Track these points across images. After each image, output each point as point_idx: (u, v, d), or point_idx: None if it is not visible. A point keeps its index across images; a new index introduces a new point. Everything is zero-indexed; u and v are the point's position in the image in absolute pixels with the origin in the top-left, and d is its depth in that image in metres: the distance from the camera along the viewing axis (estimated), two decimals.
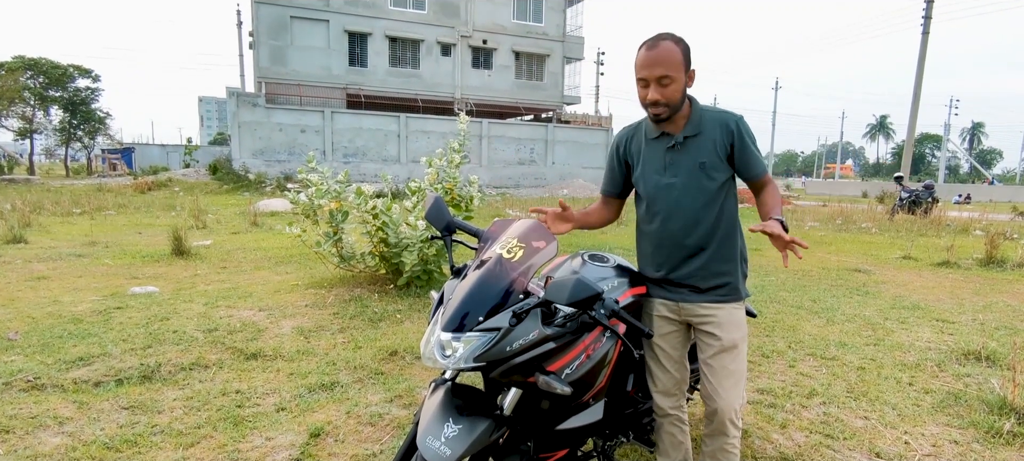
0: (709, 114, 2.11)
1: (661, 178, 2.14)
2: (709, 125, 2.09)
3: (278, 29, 28.39)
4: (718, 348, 2.13)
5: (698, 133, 2.08)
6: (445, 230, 2.17)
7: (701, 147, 2.08)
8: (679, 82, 1.99)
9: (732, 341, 2.13)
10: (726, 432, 2.14)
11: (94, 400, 3.37)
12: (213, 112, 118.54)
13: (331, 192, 6.14)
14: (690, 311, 2.19)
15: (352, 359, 4.10)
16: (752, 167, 2.11)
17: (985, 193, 37.02)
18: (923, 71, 29.01)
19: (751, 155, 2.10)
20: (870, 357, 4.43)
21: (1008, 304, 6.26)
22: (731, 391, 2.12)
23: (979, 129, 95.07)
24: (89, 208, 14.48)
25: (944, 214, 15.69)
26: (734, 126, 2.08)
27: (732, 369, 2.13)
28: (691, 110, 2.11)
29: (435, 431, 1.77)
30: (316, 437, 2.97)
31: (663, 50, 1.97)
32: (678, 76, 1.99)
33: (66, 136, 41.52)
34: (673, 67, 1.97)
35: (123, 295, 5.77)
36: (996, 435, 3.11)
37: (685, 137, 2.09)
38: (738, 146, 2.08)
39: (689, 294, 2.16)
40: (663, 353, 2.26)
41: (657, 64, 1.97)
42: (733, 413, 2.12)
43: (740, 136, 2.08)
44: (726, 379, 2.13)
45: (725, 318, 2.14)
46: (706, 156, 2.08)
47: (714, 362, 2.14)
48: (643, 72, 2.01)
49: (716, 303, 2.15)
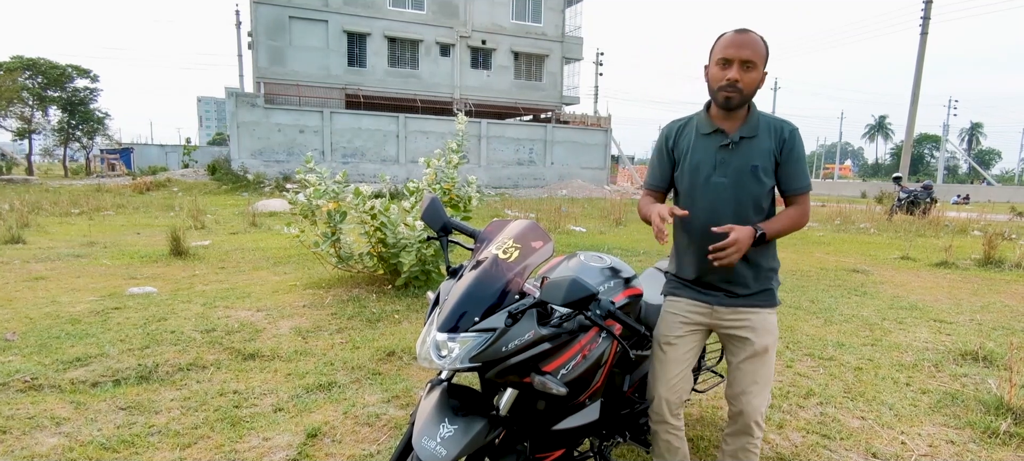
0: (765, 119, 2.09)
1: (711, 176, 2.08)
2: (764, 129, 2.06)
3: (277, 29, 28.37)
4: (750, 352, 2.12)
5: (754, 136, 2.05)
6: (441, 231, 2.17)
7: (755, 150, 2.05)
8: (760, 72, 1.99)
9: (765, 346, 2.12)
10: (751, 433, 2.14)
11: (91, 400, 3.37)
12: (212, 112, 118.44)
13: (329, 193, 6.13)
14: (721, 315, 2.15)
15: (350, 359, 4.10)
16: (796, 179, 2.08)
17: (984, 193, 37.07)
18: (922, 71, 29.04)
19: (798, 167, 2.08)
20: (867, 357, 4.43)
21: (1006, 304, 6.27)
22: (759, 395, 2.11)
23: (978, 129, 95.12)
24: (87, 208, 14.48)
25: (942, 214, 15.71)
26: (787, 134, 2.06)
27: (762, 374, 2.12)
28: (749, 112, 2.09)
29: (431, 431, 1.77)
30: (313, 437, 2.97)
31: (753, 37, 1.98)
32: (761, 65, 1.99)
33: (64, 136, 41.46)
34: (759, 56, 1.97)
35: (121, 295, 5.77)
36: (993, 435, 3.11)
37: (741, 137, 2.06)
38: (787, 155, 2.06)
39: (724, 298, 2.13)
40: (673, 354, 2.19)
41: (746, 46, 1.96)
42: (759, 416, 2.12)
43: (791, 145, 2.05)
44: (755, 383, 2.12)
45: (760, 323, 2.12)
46: (760, 160, 2.04)
47: (745, 366, 2.13)
48: (730, 51, 1.97)
49: (753, 308, 2.12)
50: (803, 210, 2.10)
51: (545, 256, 1.95)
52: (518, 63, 34.18)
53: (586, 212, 16.82)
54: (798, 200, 2.10)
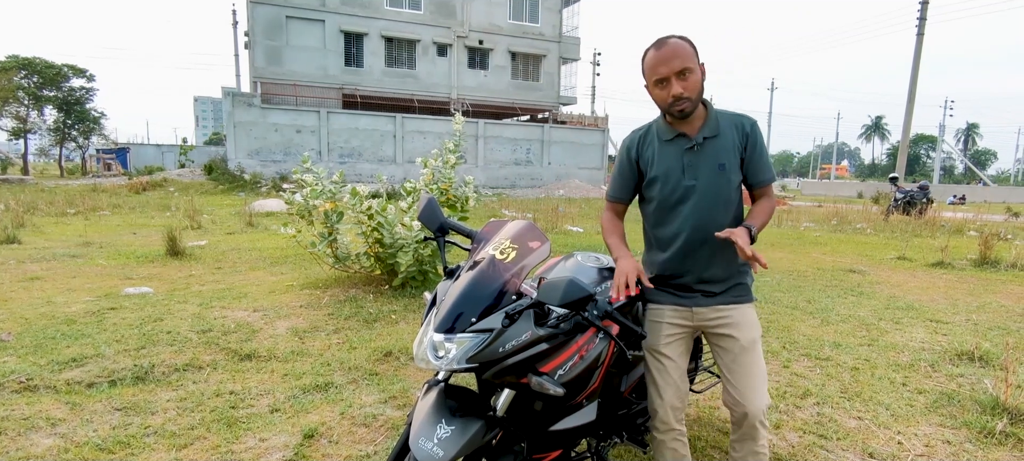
0: (724, 115, 2.10)
1: (681, 181, 2.09)
2: (726, 126, 2.07)
3: (274, 29, 28.33)
4: (738, 349, 2.10)
5: (717, 134, 2.06)
6: (438, 231, 2.17)
7: (720, 148, 2.06)
8: (697, 72, 1.97)
9: (751, 339, 2.11)
10: (756, 436, 2.08)
11: (87, 401, 3.35)
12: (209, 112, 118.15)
13: (326, 193, 6.12)
14: (702, 315, 2.14)
15: (347, 360, 4.09)
16: (761, 172, 2.11)
17: (979, 194, 37.20)
18: (918, 72, 29.13)
19: (762, 160, 2.10)
20: (864, 357, 4.44)
21: (1002, 304, 6.28)
22: (757, 391, 2.07)
23: (974, 130, 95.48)
24: (83, 208, 14.43)
25: (939, 215, 15.77)
26: (748, 128, 2.08)
27: (755, 369, 2.09)
28: (707, 111, 2.09)
29: (428, 432, 1.77)
30: (310, 438, 2.96)
31: (674, 45, 1.96)
32: (695, 66, 1.96)
33: (60, 136, 41.36)
34: (689, 58, 1.95)
35: (117, 296, 5.75)
36: (989, 435, 3.12)
37: (704, 138, 2.06)
38: (751, 148, 2.08)
39: (702, 299, 2.13)
40: (669, 362, 2.18)
41: (673, 57, 1.95)
42: (762, 414, 2.07)
43: (753, 139, 2.08)
44: (751, 379, 2.08)
45: (740, 318, 2.12)
46: (725, 157, 2.05)
47: (735, 365, 2.10)
48: (660, 70, 1.96)
49: (730, 304, 2.13)
50: (772, 200, 2.15)
51: (542, 257, 1.95)
52: (515, 63, 34.20)
53: (583, 212, 16.83)
54: (766, 192, 2.14)
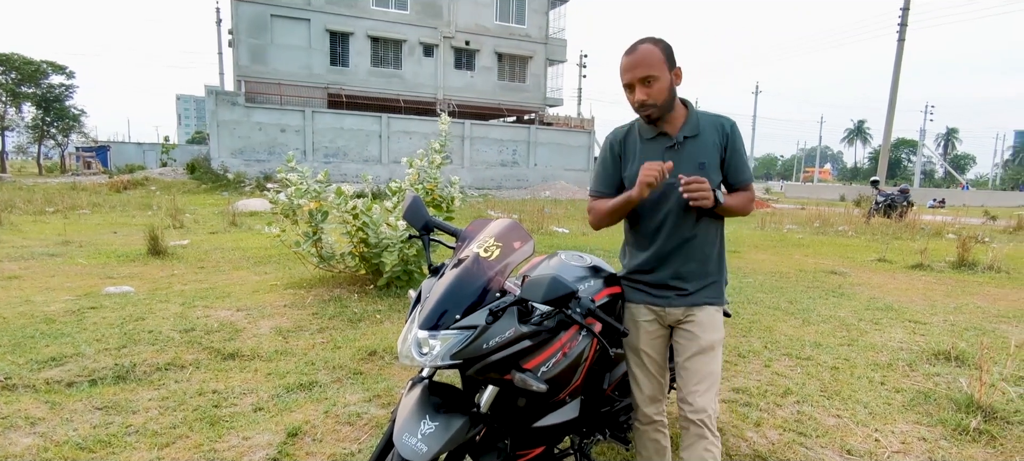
0: (705, 116, 2.14)
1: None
2: (706, 127, 2.11)
3: (258, 27, 28.09)
4: (696, 349, 2.12)
5: (697, 134, 2.09)
6: (423, 229, 2.18)
7: (700, 147, 2.09)
8: (663, 80, 1.99)
9: (710, 343, 2.12)
10: (703, 435, 2.08)
11: (67, 400, 3.32)
12: (191, 110, 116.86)
13: (310, 192, 6.09)
14: (674, 315, 2.17)
15: (331, 359, 4.08)
16: (740, 172, 2.14)
17: (959, 197, 37.85)
18: (899, 77, 29.56)
19: (740, 160, 2.14)
20: (844, 357, 4.51)
21: (978, 305, 6.41)
22: (705, 394, 2.08)
23: (953, 134, 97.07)
24: (62, 207, 14.22)
25: (918, 218, 16.02)
26: (728, 129, 2.11)
27: (709, 371, 2.11)
28: (688, 111, 2.12)
29: (412, 428, 1.78)
30: (293, 437, 2.96)
31: (642, 52, 1.99)
32: (661, 74, 1.99)
33: (39, 133, 40.70)
34: (654, 66, 1.98)
35: (97, 295, 5.68)
36: (963, 433, 3.19)
37: (685, 137, 2.09)
38: (730, 149, 2.11)
39: (675, 297, 2.15)
40: (648, 358, 2.22)
41: (638, 65, 1.99)
42: (706, 416, 2.06)
43: (733, 139, 2.11)
44: (702, 381, 2.09)
45: (705, 319, 2.14)
46: (705, 157, 2.08)
47: (690, 364, 2.12)
48: (626, 76, 2.02)
49: (699, 305, 2.15)
50: (750, 197, 2.18)
51: (525, 255, 1.96)
52: (502, 64, 34.20)
53: (569, 213, 16.88)
54: (746, 190, 2.18)
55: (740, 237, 12.89)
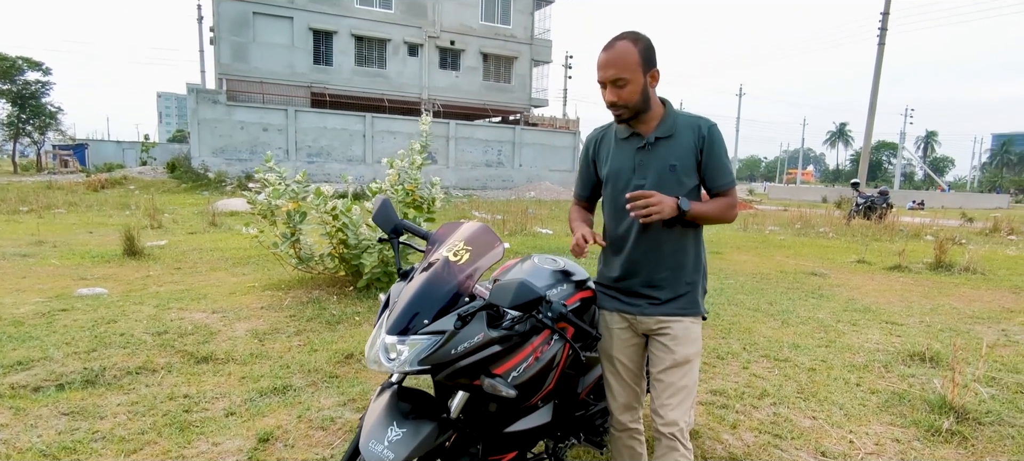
0: (683, 117, 2.05)
1: (631, 180, 2.06)
2: (682, 128, 2.02)
3: (240, 25, 27.78)
4: (670, 362, 2.04)
5: (670, 135, 2.02)
6: (392, 232, 2.14)
7: (673, 149, 2.01)
8: (636, 83, 1.93)
9: (685, 356, 2.05)
10: (675, 447, 2.03)
11: (32, 406, 3.24)
12: (172, 108, 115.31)
13: (288, 192, 6.01)
14: (647, 324, 2.11)
15: (307, 362, 4.03)
16: (718, 176, 2.04)
17: (938, 199, 38.43)
18: (879, 80, 29.93)
19: (719, 163, 2.03)
20: (821, 358, 4.53)
21: (954, 307, 6.48)
22: (679, 408, 2.02)
23: (933, 137, 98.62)
24: (37, 206, 13.94)
25: (897, 219, 16.22)
26: (705, 131, 2.01)
27: (683, 385, 2.04)
28: (665, 112, 2.04)
29: (378, 435, 1.74)
30: (265, 442, 2.90)
31: (618, 51, 1.92)
32: (634, 77, 1.92)
33: (14, 131, 39.91)
34: (628, 68, 1.91)
35: (69, 297, 5.56)
36: (936, 433, 3.21)
37: (656, 138, 2.02)
38: (706, 151, 2.01)
39: (647, 306, 2.08)
40: (622, 366, 2.18)
41: (611, 65, 1.92)
42: (677, 429, 2.01)
43: (710, 141, 2.01)
44: (675, 394, 2.03)
45: (681, 332, 2.06)
46: (677, 159, 2.01)
47: (665, 376, 2.05)
48: (599, 74, 1.96)
49: (674, 316, 2.07)
50: (730, 203, 2.06)
51: (495, 258, 1.94)
52: (487, 64, 34.14)
53: (553, 214, 16.88)
54: (725, 194, 2.06)
55: (722, 238, 12.97)
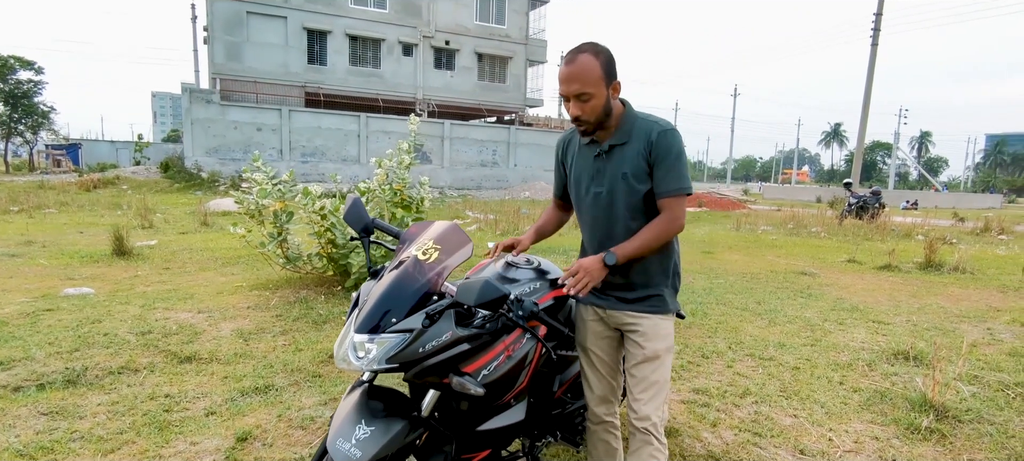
0: (640, 122, 2.01)
1: (590, 186, 2.10)
2: (636, 134, 2.00)
3: (234, 24, 27.71)
4: (641, 358, 2.08)
5: (625, 142, 2.01)
6: (363, 231, 2.14)
7: (626, 157, 2.01)
8: (599, 97, 1.93)
9: (655, 352, 2.07)
10: (648, 442, 2.06)
11: (11, 406, 3.22)
12: (167, 108, 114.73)
13: (275, 192, 6.00)
14: (618, 319, 2.14)
15: (291, 362, 4.02)
16: (663, 182, 1.97)
17: (931, 199, 38.57)
18: (872, 81, 30.04)
19: (665, 169, 1.97)
20: (806, 357, 4.55)
21: (941, 306, 6.51)
22: (651, 403, 2.06)
23: (927, 138, 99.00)
24: (28, 206, 13.89)
25: (889, 219, 16.27)
26: (654, 136, 1.97)
27: (653, 380, 2.07)
28: (622, 118, 2.03)
29: (346, 433, 1.74)
30: (243, 441, 2.90)
31: (579, 65, 1.91)
32: (597, 91, 1.92)
33: (6, 130, 39.74)
34: (590, 83, 1.90)
35: (55, 296, 5.54)
36: (915, 431, 3.23)
37: (611, 146, 2.02)
38: (656, 157, 1.97)
39: (616, 302, 2.12)
40: (597, 358, 2.22)
41: (573, 80, 1.91)
42: (650, 424, 2.04)
43: (657, 147, 1.97)
44: (647, 389, 2.07)
45: (649, 328, 2.09)
46: (629, 166, 2.00)
47: (636, 371, 2.09)
48: (562, 88, 1.94)
49: (643, 313, 2.09)
50: (671, 216, 1.98)
51: (465, 257, 1.94)
52: (482, 64, 34.14)
53: None
54: (667, 204, 1.99)
55: (715, 238, 13.00)
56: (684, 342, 4.79)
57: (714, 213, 21.49)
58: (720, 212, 21.87)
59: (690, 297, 6.52)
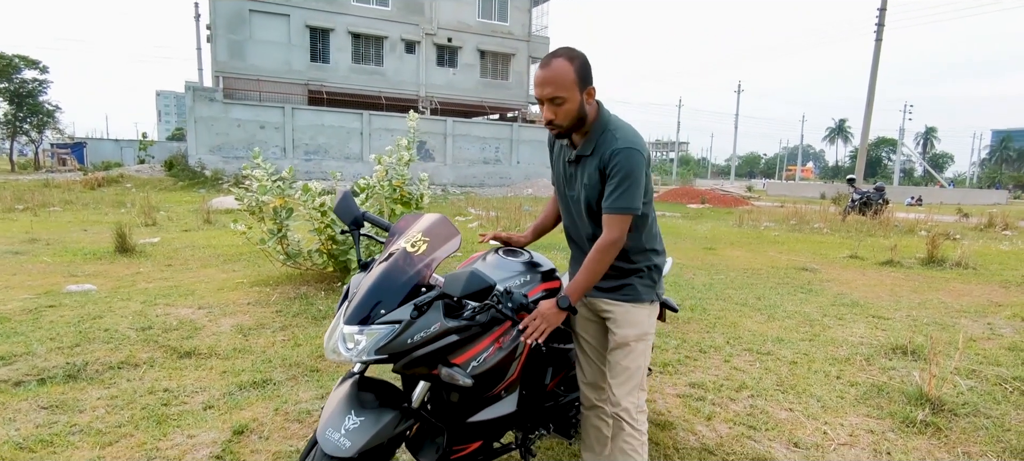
0: (605, 135, 2.01)
1: (564, 189, 2.21)
2: (599, 148, 2.01)
3: (236, 22, 27.77)
4: (614, 344, 2.17)
5: (589, 154, 2.04)
6: (353, 224, 2.16)
7: (589, 168, 2.05)
8: (573, 101, 1.94)
9: (625, 338, 2.15)
10: (621, 428, 2.15)
11: (12, 400, 3.25)
12: (172, 106, 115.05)
13: (274, 189, 6.02)
14: (597, 306, 2.22)
15: (289, 357, 4.04)
16: (607, 198, 1.99)
17: (936, 195, 38.42)
18: (876, 76, 29.92)
19: (611, 187, 1.97)
20: (804, 352, 4.55)
21: (942, 301, 6.49)
22: (621, 387, 2.14)
23: (932, 133, 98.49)
24: (32, 204, 13.96)
25: (893, 215, 16.22)
26: (609, 154, 1.97)
27: (624, 366, 2.15)
28: (592, 127, 2.03)
29: (335, 423, 1.76)
30: (240, 434, 2.92)
31: (553, 69, 1.92)
32: (570, 95, 1.93)
33: (11, 129, 39.90)
34: (564, 87, 1.91)
35: (57, 293, 5.58)
36: (910, 425, 3.23)
37: (578, 156, 2.08)
38: (609, 174, 1.99)
39: (594, 290, 2.18)
40: (586, 343, 2.31)
41: (547, 84, 1.92)
42: (622, 409, 2.13)
43: (610, 164, 1.97)
44: (618, 375, 2.15)
45: (621, 315, 2.16)
46: (588, 178, 2.05)
47: (611, 357, 2.19)
48: (536, 91, 1.96)
49: (614, 301, 2.17)
50: (608, 235, 1.98)
51: (452, 249, 1.95)
52: (484, 62, 34.13)
53: None
54: (606, 221, 2.00)
55: (717, 234, 12.98)
56: (682, 337, 4.80)
57: (717, 209, 21.45)
58: (723, 208, 21.83)
59: (690, 293, 6.53)
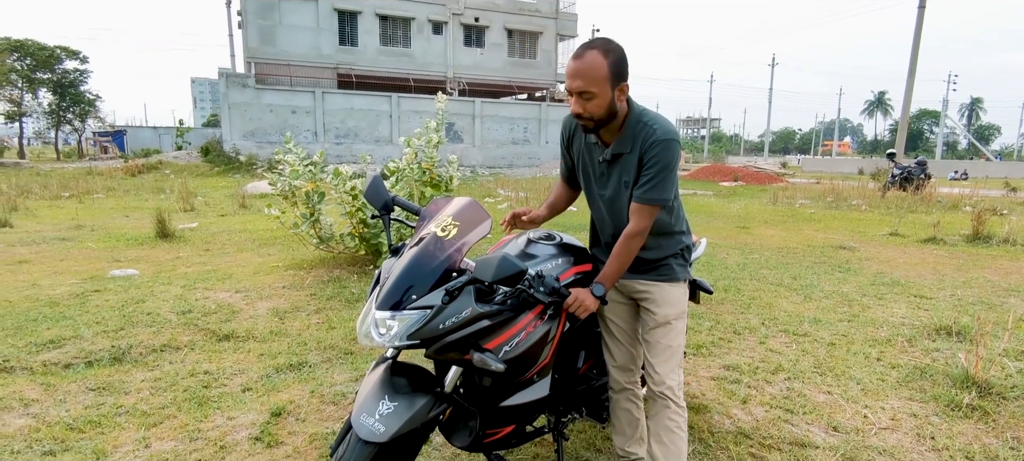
0: (640, 128, 1.97)
1: (595, 186, 2.16)
2: (635, 142, 1.97)
3: (266, 8, 28.05)
4: (653, 323, 2.17)
5: (629, 151, 1.99)
6: (383, 209, 2.16)
7: (626, 166, 2.01)
8: (603, 97, 1.88)
9: (665, 317, 2.15)
10: (666, 406, 2.15)
11: (62, 382, 3.38)
12: (206, 93, 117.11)
13: (306, 173, 6.09)
14: (631, 287, 2.21)
15: (324, 340, 4.11)
16: (639, 187, 1.98)
17: (982, 169, 37.04)
18: (919, 46, 28.80)
19: (646, 177, 1.96)
20: (842, 333, 4.44)
21: (988, 280, 6.28)
22: (664, 365, 2.14)
23: (978, 105, 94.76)
24: (77, 192, 14.43)
25: (935, 190, 15.70)
26: (648, 144, 1.95)
27: (665, 344, 2.15)
28: (626, 123, 1.98)
29: (370, 408, 1.78)
30: (277, 416, 2.98)
31: (586, 62, 1.86)
32: (602, 91, 1.87)
33: (56, 119, 41.22)
34: (596, 82, 1.86)
35: (103, 278, 5.76)
36: (955, 408, 3.13)
37: (613, 155, 2.02)
38: (645, 164, 1.97)
39: (628, 273, 2.14)
40: (615, 326, 2.29)
41: (578, 76, 1.86)
42: (666, 388, 2.13)
43: (650, 154, 1.95)
44: (660, 354, 2.15)
45: (659, 295, 2.16)
46: (629, 175, 2.01)
47: (650, 337, 2.18)
48: (568, 83, 1.91)
49: (652, 281, 2.17)
50: (635, 224, 1.99)
51: (483, 233, 1.94)
52: (512, 41, 33.87)
53: None
54: (635, 210, 2.00)
55: (751, 213, 12.75)
56: (715, 318, 4.73)
57: (750, 187, 21.05)
58: (756, 186, 21.41)
59: (723, 273, 6.43)
